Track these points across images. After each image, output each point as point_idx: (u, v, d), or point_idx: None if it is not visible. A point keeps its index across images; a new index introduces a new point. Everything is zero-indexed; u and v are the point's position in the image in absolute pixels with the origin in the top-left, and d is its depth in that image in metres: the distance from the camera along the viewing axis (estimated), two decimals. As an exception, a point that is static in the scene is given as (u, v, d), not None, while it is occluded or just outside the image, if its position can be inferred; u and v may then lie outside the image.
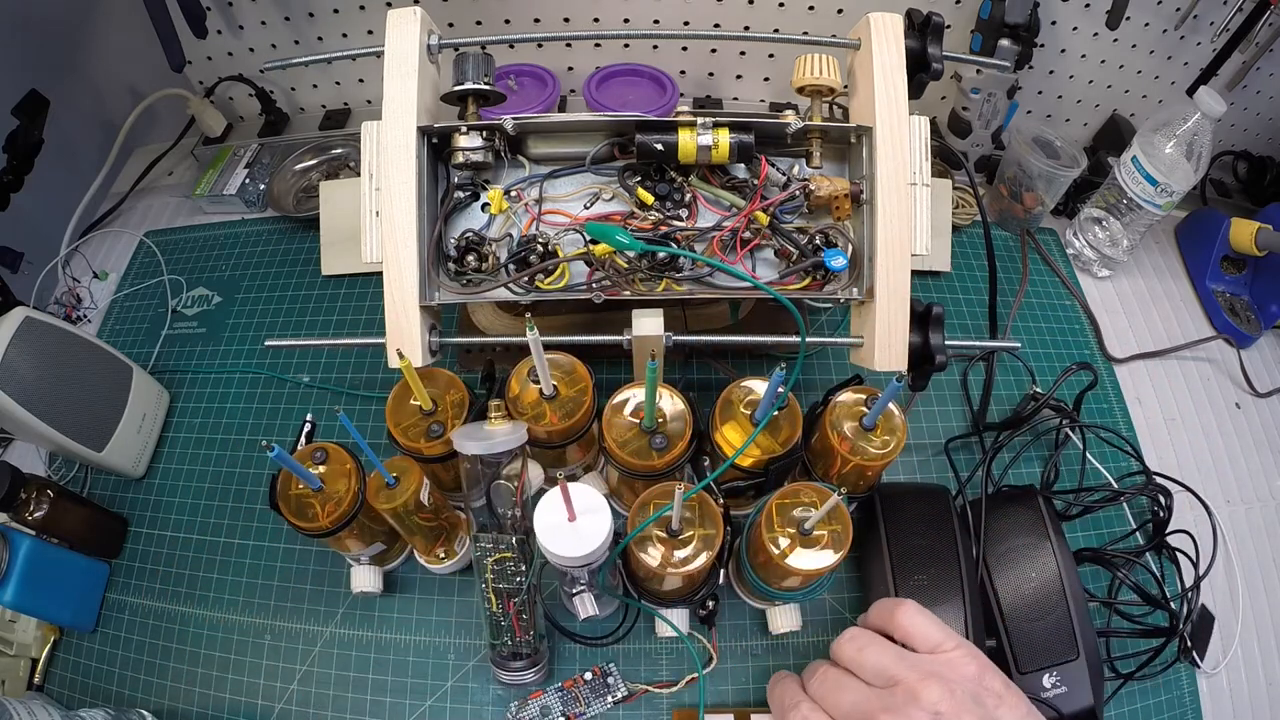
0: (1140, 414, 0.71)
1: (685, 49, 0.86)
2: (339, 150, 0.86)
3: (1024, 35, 0.73)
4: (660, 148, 0.50)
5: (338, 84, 0.90)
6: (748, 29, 0.82)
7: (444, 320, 0.59)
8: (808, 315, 0.70)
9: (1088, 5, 0.77)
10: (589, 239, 0.51)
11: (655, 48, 0.84)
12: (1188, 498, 0.64)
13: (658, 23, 0.81)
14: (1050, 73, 0.84)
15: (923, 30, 0.54)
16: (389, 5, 0.76)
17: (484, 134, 0.51)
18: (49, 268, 0.80)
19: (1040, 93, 0.87)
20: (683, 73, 0.88)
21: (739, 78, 0.88)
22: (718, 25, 0.82)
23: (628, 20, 0.81)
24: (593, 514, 0.44)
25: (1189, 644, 0.57)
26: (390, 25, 0.51)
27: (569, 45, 0.85)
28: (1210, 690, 0.58)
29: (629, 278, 0.52)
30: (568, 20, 0.81)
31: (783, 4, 0.79)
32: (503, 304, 0.64)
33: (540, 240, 0.53)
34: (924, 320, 0.52)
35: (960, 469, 0.65)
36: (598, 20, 0.81)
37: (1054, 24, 0.78)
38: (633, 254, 0.51)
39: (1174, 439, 0.70)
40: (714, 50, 0.86)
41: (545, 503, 0.45)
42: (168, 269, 0.80)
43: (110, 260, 0.83)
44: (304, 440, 0.55)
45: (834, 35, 0.55)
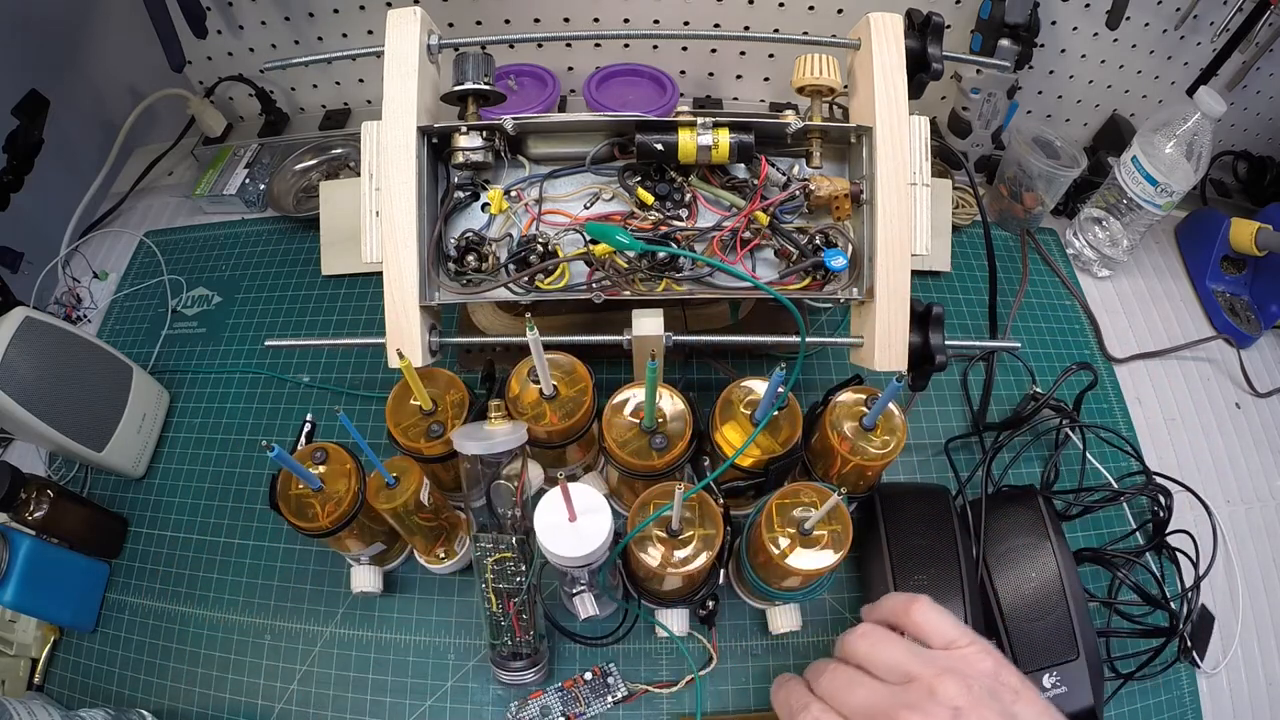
0: (1140, 414, 0.71)
1: (685, 49, 0.86)
2: (339, 150, 0.86)
3: (1024, 35, 0.73)
4: (660, 148, 0.50)
5: (338, 84, 0.90)
6: (748, 29, 0.82)
7: (444, 320, 0.59)
8: (808, 315, 0.70)
9: (1088, 5, 0.77)
10: (589, 239, 0.51)
11: (655, 48, 0.84)
12: (1188, 498, 0.64)
13: (658, 23, 0.81)
14: (1050, 73, 0.84)
15: (923, 30, 0.54)
16: (389, 5, 0.76)
17: (484, 134, 0.51)
18: (49, 268, 0.80)
19: (1040, 93, 0.87)
20: (683, 73, 0.88)
21: (739, 78, 0.88)
22: (718, 25, 0.82)
23: (628, 20, 0.81)
24: (593, 514, 0.44)
25: (1189, 644, 0.57)
26: (390, 25, 0.51)
27: (569, 45, 0.85)
28: (1210, 690, 0.58)
29: (629, 278, 0.52)
30: (568, 20, 0.81)
31: (783, 4, 0.79)
32: (503, 304, 0.64)
33: (540, 240, 0.53)
34: (924, 320, 0.52)
35: (960, 469, 0.65)
36: (598, 20, 0.81)
37: (1054, 24, 0.78)
38: (633, 254, 0.51)
39: (1174, 439, 0.70)
40: (714, 50, 0.86)
41: (545, 503, 0.45)
42: (168, 269, 0.80)
43: (110, 260, 0.83)
44: (304, 440, 0.55)
45: (834, 35, 0.55)
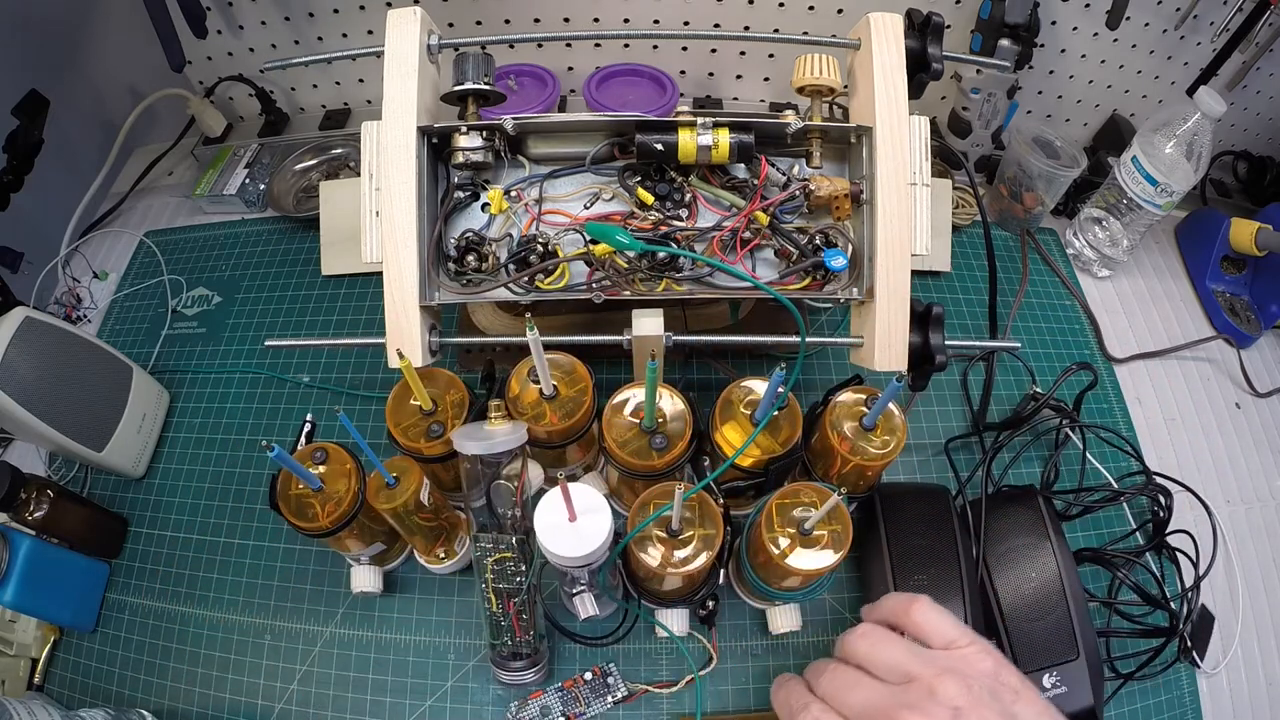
0: (1140, 414, 0.71)
1: (685, 49, 0.86)
2: (339, 150, 0.86)
3: (1024, 35, 0.73)
4: (660, 148, 0.50)
5: (338, 84, 0.90)
6: (748, 29, 0.82)
7: (444, 320, 0.59)
8: (808, 315, 0.70)
9: (1088, 5, 0.77)
10: (589, 239, 0.51)
11: (655, 48, 0.84)
12: (1188, 498, 0.64)
13: (658, 23, 0.81)
14: (1050, 73, 0.84)
15: (923, 30, 0.54)
16: (389, 5, 0.76)
17: (484, 134, 0.51)
18: (49, 268, 0.80)
19: (1040, 93, 0.87)
20: (683, 73, 0.88)
21: (739, 78, 0.88)
22: (718, 25, 0.82)
23: (628, 20, 0.81)
24: (593, 514, 0.44)
25: (1189, 644, 0.57)
26: (390, 25, 0.51)
27: (569, 45, 0.85)
28: (1210, 690, 0.58)
29: (629, 278, 0.52)
30: (568, 20, 0.81)
31: (783, 4, 0.79)
32: (503, 304, 0.64)
33: (540, 240, 0.53)
34: (924, 320, 0.52)
35: (960, 469, 0.65)
36: (598, 20, 0.81)
37: (1054, 24, 0.78)
38: (633, 254, 0.51)
39: (1174, 439, 0.70)
40: (714, 50, 0.86)
41: (545, 503, 0.45)
42: (168, 269, 0.80)
43: (110, 260, 0.83)
44: (304, 440, 0.55)
45: (834, 35, 0.55)
